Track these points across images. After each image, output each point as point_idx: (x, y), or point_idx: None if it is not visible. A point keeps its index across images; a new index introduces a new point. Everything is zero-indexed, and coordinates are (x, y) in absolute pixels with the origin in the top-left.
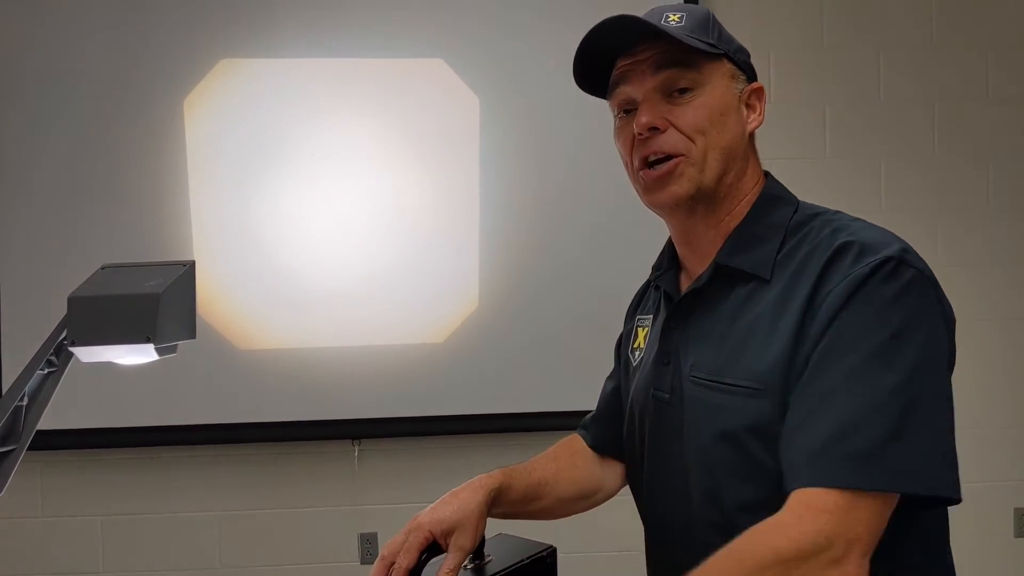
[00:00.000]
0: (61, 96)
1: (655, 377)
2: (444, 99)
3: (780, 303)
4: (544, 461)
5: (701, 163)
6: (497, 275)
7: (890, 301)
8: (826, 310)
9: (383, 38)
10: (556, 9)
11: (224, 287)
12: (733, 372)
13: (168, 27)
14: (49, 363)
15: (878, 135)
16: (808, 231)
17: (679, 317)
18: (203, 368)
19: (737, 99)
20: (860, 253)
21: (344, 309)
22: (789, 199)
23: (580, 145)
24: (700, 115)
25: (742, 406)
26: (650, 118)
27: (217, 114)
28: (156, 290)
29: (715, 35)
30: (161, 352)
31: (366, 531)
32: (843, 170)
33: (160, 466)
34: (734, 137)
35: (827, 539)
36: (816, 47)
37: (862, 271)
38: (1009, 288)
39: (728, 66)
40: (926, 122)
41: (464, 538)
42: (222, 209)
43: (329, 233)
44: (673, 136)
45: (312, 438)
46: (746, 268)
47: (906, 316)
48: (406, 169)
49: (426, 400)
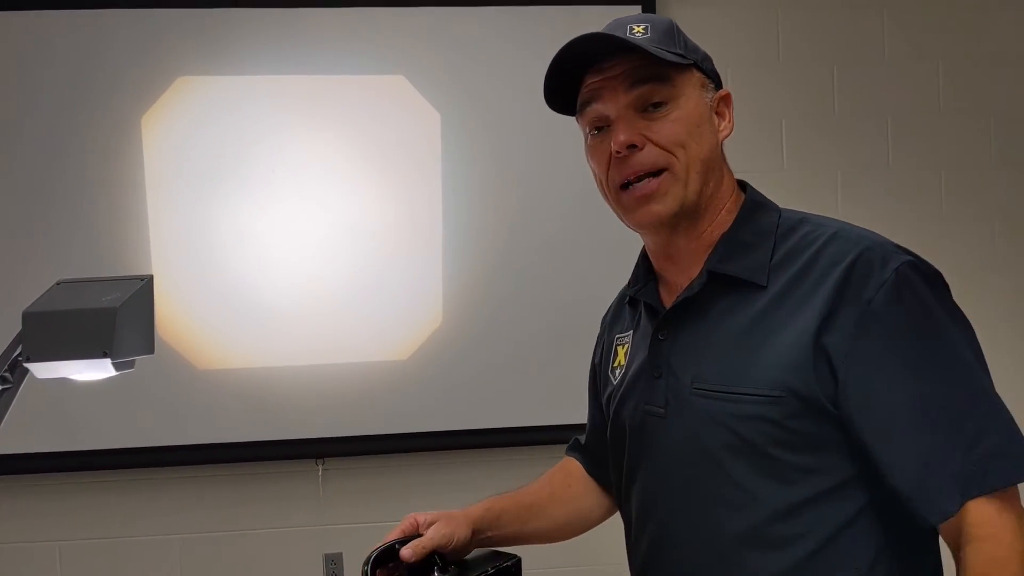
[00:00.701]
0: (17, 113)
1: (646, 392)
2: (405, 116)
3: (788, 309)
4: (538, 485)
5: (684, 178)
6: (460, 291)
7: (929, 308)
8: (874, 317)
9: (344, 55)
10: (517, 26)
11: (183, 306)
12: (746, 381)
13: (125, 44)
14: (3, 380)
15: (834, 147)
16: (800, 237)
17: (668, 328)
18: (162, 389)
19: (709, 108)
20: (873, 261)
21: (306, 327)
22: (772, 206)
23: (542, 160)
24: (678, 129)
25: (761, 413)
26: (627, 136)
27: (175, 131)
28: (113, 304)
29: (681, 44)
30: (119, 367)
31: (331, 551)
32: (800, 181)
33: (119, 490)
34: (711, 148)
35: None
36: (772, 63)
37: (889, 279)
38: (966, 294)
39: (698, 75)
40: (880, 134)
41: (443, 527)
42: (181, 227)
43: (290, 251)
44: (652, 152)
45: (275, 458)
46: (740, 275)
47: (944, 315)
48: (368, 186)
49: (391, 418)
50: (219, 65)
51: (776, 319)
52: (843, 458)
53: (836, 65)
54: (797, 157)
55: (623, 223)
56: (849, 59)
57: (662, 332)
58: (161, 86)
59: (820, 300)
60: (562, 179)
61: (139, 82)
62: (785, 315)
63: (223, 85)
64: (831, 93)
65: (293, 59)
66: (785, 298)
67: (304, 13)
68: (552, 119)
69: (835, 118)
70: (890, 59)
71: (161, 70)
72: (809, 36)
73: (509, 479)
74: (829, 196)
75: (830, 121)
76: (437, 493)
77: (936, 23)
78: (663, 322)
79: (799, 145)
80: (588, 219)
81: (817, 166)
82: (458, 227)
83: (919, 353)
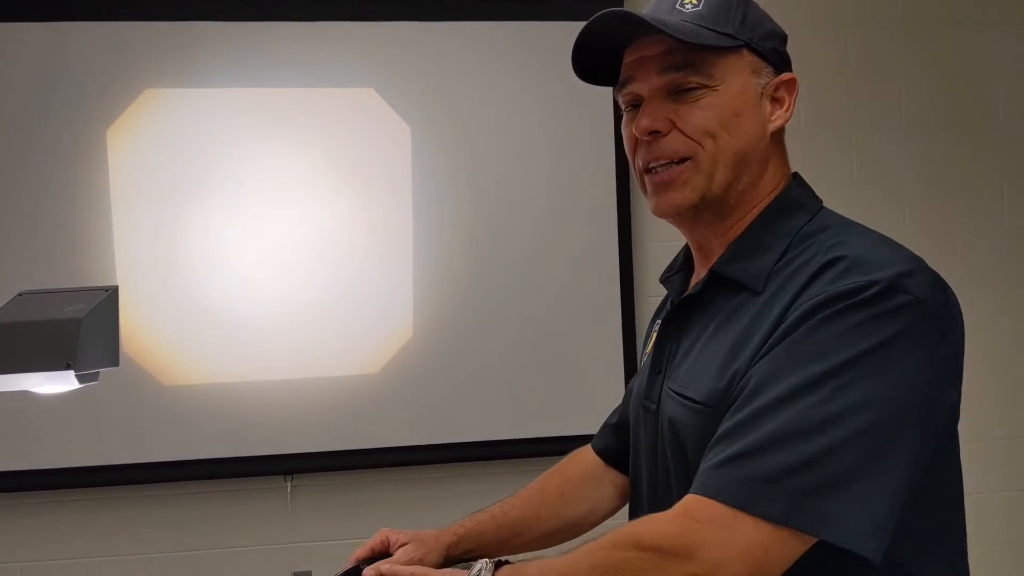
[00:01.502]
0: None
1: (647, 387)
2: (375, 129)
3: (758, 316)
4: (527, 494)
5: (710, 170)
6: (431, 304)
7: (856, 325)
8: (785, 326)
9: (313, 67)
10: (488, 40)
11: (148, 320)
12: (694, 386)
13: (91, 56)
14: None
15: (800, 161)
16: (813, 242)
17: (676, 324)
18: (126, 406)
19: (758, 95)
20: (847, 270)
21: (275, 341)
22: (809, 207)
23: (513, 173)
24: (708, 116)
25: (691, 422)
26: (650, 121)
27: (142, 144)
28: (77, 315)
29: (737, 20)
30: (82, 380)
31: (299, 569)
32: None
33: (82, 508)
34: (749, 140)
35: (687, 547)
36: None
37: (837, 290)
38: None
39: (749, 58)
40: (845, 151)
41: (413, 551)
42: (147, 241)
43: (258, 264)
44: (676, 140)
45: (242, 475)
46: (739, 278)
47: (873, 346)
48: (338, 199)
49: (361, 432)
50: (187, 77)
51: (748, 327)
52: None
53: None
54: None
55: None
56: (813, 73)
57: (670, 327)
58: (127, 98)
59: (779, 309)
60: (533, 192)
61: (105, 94)
62: (757, 323)
63: (191, 97)
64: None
65: (262, 71)
66: (765, 306)
67: (274, 26)
68: (524, 133)
69: (800, 131)
70: (853, 76)
71: (128, 82)
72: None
73: (483, 493)
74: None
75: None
76: (409, 509)
77: (900, 48)
78: (669, 318)
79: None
80: (559, 232)
81: None
82: (429, 240)
83: (799, 370)
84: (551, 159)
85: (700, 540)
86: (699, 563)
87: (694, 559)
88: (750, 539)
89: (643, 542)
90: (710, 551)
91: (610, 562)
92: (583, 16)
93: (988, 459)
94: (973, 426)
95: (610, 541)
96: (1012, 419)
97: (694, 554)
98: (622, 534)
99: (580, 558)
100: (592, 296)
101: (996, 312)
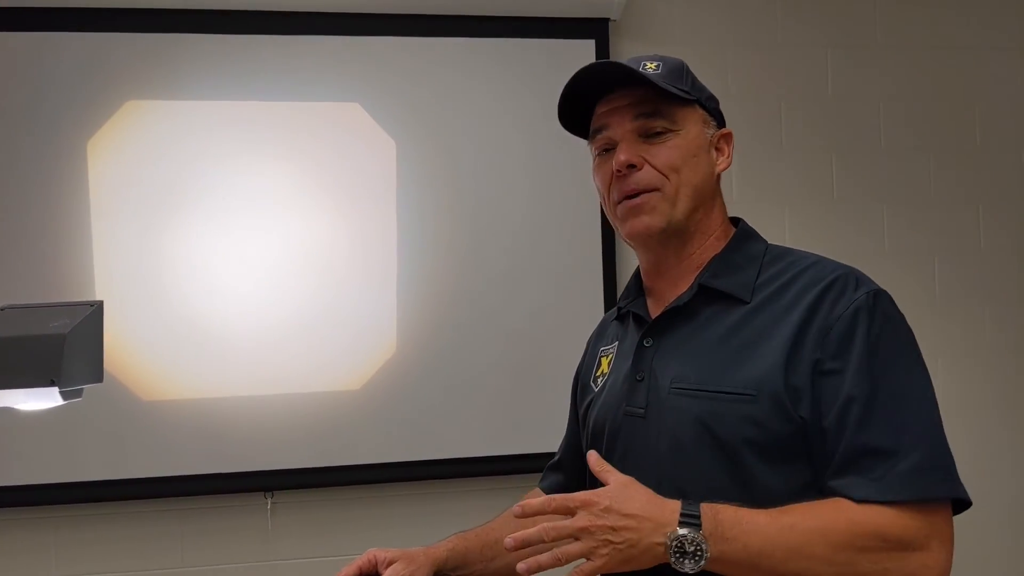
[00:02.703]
0: None
1: (627, 394)
2: (360, 143)
3: (765, 320)
4: (503, 519)
5: (673, 198)
6: (415, 320)
7: (899, 326)
8: (844, 336)
9: (298, 82)
10: (473, 57)
11: (129, 335)
12: (723, 381)
13: (72, 67)
14: None
15: (783, 181)
16: (785, 263)
17: (654, 335)
18: (105, 421)
19: (708, 143)
20: (857, 283)
21: (257, 357)
22: (761, 238)
23: (497, 189)
24: (674, 154)
25: (734, 411)
26: (628, 156)
27: (123, 157)
28: (62, 330)
29: (688, 82)
30: (66, 396)
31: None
32: (750, 213)
33: (57, 525)
34: (704, 177)
35: (923, 541)
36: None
37: (863, 300)
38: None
39: (700, 112)
40: (825, 170)
41: (402, 568)
42: (127, 254)
43: (240, 278)
44: (649, 173)
45: (222, 491)
46: (728, 290)
47: (911, 343)
48: (322, 213)
49: (343, 449)
50: (170, 89)
51: (755, 329)
52: (804, 463)
53: (782, 101)
54: (745, 189)
55: (623, 240)
56: (794, 93)
57: (647, 339)
58: (109, 110)
59: (797, 315)
60: (517, 209)
61: (86, 105)
62: (763, 326)
63: (174, 110)
64: (778, 126)
65: (246, 85)
66: (764, 312)
67: (259, 40)
68: (509, 149)
69: (783, 150)
70: (832, 95)
71: (109, 93)
72: (757, 73)
73: (466, 510)
74: (776, 229)
75: (780, 153)
76: (392, 526)
77: (878, 62)
78: (649, 329)
79: (749, 177)
80: (542, 248)
81: (765, 198)
82: (413, 255)
83: (880, 361)
84: (535, 175)
85: (929, 531)
86: (929, 553)
87: (927, 550)
88: (944, 523)
89: (888, 535)
90: (934, 539)
91: (852, 547)
92: (565, 35)
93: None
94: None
95: (846, 528)
96: (975, 431)
97: (927, 545)
98: (860, 523)
99: (813, 538)
100: (575, 313)
101: (969, 329)
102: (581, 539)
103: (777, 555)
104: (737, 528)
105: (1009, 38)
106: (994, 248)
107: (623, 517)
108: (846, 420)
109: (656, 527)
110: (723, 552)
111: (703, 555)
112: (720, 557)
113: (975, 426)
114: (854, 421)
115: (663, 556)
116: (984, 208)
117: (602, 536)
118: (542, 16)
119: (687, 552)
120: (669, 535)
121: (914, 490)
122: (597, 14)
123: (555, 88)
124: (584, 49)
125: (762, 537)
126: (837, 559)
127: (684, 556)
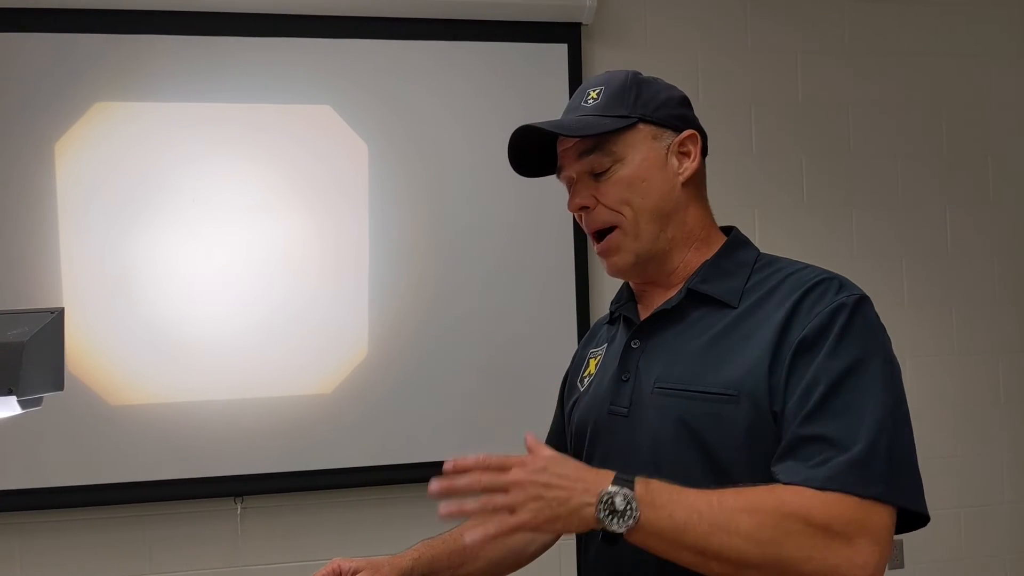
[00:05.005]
0: None
1: (612, 394)
2: (332, 146)
3: (751, 324)
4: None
5: (634, 231)
6: (387, 323)
7: (876, 332)
8: (819, 331)
9: (269, 83)
10: (444, 60)
11: (96, 339)
12: (704, 381)
13: (39, 68)
14: None
15: (754, 184)
16: (774, 270)
17: (642, 337)
18: (71, 427)
19: (663, 156)
20: (840, 287)
21: (226, 361)
22: (753, 246)
23: (470, 193)
24: (620, 189)
25: (715, 411)
26: (579, 199)
27: (91, 159)
28: (20, 339)
29: (630, 101)
30: (25, 405)
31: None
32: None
33: (22, 532)
34: (661, 196)
35: (851, 532)
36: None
37: (844, 300)
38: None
39: (646, 129)
40: (796, 173)
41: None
42: (95, 258)
43: (209, 282)
44: (603, 212)
45: (191, 497)
46: (716, 294)
47: (887, 349)
48: (292, 216)
49: (313, 453)
50: (139, 91)
51: (740, 333)
52: None
53: (753, 105)
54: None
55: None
56: (764, 98)
57: (635, 341)
58: (77, 111)
59: (779, 317)
60: (490, 213)
61: (53, 107)
62: (748, 330)
63: (142, 112)
64: (749, 129)
65: (216, 87)
66: (750, 316)
67: (229, 41)
68: (481, 151)
69: (752, 155)
70: (803, 101)
71: (77, 95)
72: (727, 77)
73: (437, 516)
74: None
75: (750, 155)
76: (362, 532)
77: (847, 67)
78: (637, 331)
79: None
80: (514, 252)
81: (735, 203)
82: (384, 258)
83: (848, 358)
84: (509, 180)
85: (859, 526)
86: (856, 548)
87: (853, 544)
88: (879, 524)
89: (814, 519)
90: (863, 536)
91: (778, 527)
92: (538, 39)
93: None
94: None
95: (774, 507)
96: (942, 431)
97: (854, 539)
98: (788, 504)
99: (739, 515)
100: (549, 317)
101: (937, 330)
102: (511, 492)
103: (701, 528)
104: (666, 497)
105: (974, 43)
106: (961, 250)
107: (557, 476)
108: (801, 409)
109: (588, 487)
110: (650, 520)
111: (632, 513)
112: (646, 525)
113: (942, 426)
114: (808, 410)
115: (591, 519)
116: (951, 210)
117: (533, 491)
118: (515, 20)
119: (617, 510)
120: (601, 492)
121: (847, 482)
122: (569, 18)
123: (528, 92)
124: (557, 53)
125: (688, 509)
126: (761, 536)
127: (614, 515)
